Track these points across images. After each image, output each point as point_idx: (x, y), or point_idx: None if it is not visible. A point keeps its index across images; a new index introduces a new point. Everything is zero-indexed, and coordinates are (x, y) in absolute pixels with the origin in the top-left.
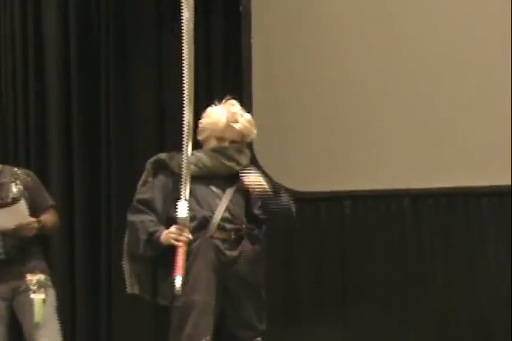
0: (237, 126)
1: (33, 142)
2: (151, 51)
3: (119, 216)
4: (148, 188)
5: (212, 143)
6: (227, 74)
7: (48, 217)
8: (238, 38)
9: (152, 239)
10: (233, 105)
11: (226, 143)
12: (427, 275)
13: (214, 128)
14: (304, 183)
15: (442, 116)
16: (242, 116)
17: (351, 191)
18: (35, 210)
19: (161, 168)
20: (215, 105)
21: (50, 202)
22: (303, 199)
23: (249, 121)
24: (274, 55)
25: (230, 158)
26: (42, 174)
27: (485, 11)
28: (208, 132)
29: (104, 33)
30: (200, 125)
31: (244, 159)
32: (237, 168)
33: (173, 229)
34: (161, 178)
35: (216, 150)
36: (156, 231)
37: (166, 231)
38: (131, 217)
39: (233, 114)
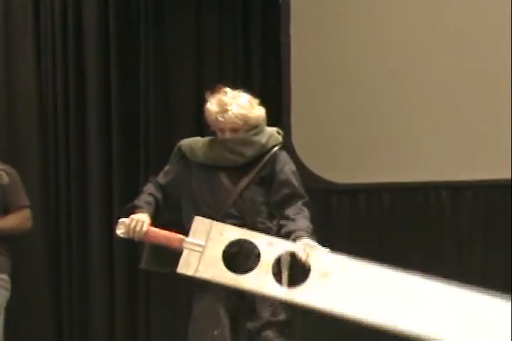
0: (227, 115)
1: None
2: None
3: None
4: (166, 172)
5: (218, 135)
6: (265, 64)
7: (12, 217)
8: (277, 25)
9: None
10: (224, 94)
11: (227, 134)
12: (464, 267)
13: (210, 121)
14: (342, 175)
15: (484, 107)
16: (232, 104)
17: (389, 183)
18: (5, 209)
19: (181, 154)
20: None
21: (24, 202)
22: (341, 191)
23: (242, 106)
24: (313, 44)
25: (232, 151)
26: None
27: None
28: (211, 125)
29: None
30: None
31: (250, 150)
32: (242, 160)
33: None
34: (179, 165)
35: (218, 143)
36: (133, 207)
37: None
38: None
39: (221, 103)
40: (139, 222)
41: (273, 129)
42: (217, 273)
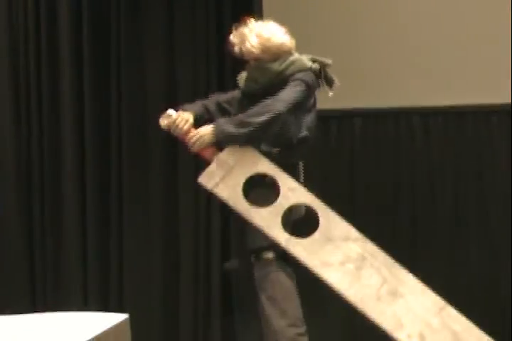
0: (244, 47)
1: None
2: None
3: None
4: (228, 92)
5: None
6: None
7: None
8: None
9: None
10: (246, 25)
11: (252, 63)
12: (436, 190)
13: (235, 53)
14: None
15: (452, 33)
16: (250, 34)
17: (361, 108)
18: None
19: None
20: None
21: None
22: None
23: (260, 36)
24: None
25: (248, 78)
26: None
27: None
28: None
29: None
30: None
31: (263, 77)
32: (255, 86)
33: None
34: (236, 90)
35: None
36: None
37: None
38: None
39: (240, 35)
40: (183, 120)
41: (304, 56)
42: (234, 196)
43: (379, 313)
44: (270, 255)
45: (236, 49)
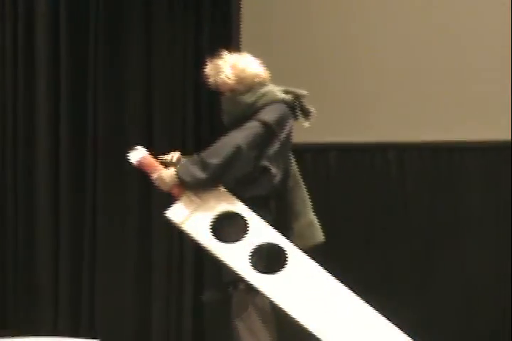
0: (219, 78)
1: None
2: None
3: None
4: None
5: None
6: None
7: None
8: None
9: None
10: (220, 57)
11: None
12: (411, 225)
13: (210, 85)
14: None
15: (431, 68)
16: (225, 66)
17: (337, 143)
18: None
19: None
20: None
21: None
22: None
23: (235, 67)
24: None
25: (222, 110)
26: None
27: None
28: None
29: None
30: None
31: (236, 110)
32: (228, 118)
33: None
34: None
35: None
36: None
37: None
38: None
39: (215, 67)
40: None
41: (277, 88)
42: (200, 232)
43: None
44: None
45: (211, 80)
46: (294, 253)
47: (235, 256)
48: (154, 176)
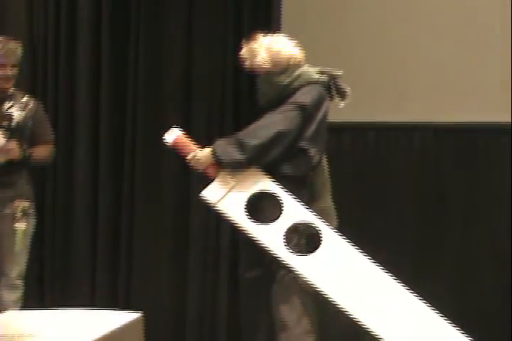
0: (255, 61)
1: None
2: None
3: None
4: None
5: None
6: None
7: (42, 149)
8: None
9: None
10: (255, 40)
11: (262, 77)
12: (447, 207)
13: (246, 67)
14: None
15: (470, 50)
16: (260, 49)
17: (375, 122)
18: (33, 141)
19: None
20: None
21: (50, 136)
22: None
23: (270, 50)
24: None
25: (257, 91)
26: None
27: None
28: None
29: None
30: None
31: (271, 90)
32: (263, 99)
33: None
34: None
35: None
36: None
37: None
38: None
39: (251, 50)
40: None
41: (312, 69)
42: (236, 213)
43: None
44: None
45: (247, 64)
46: (328, 234)
47: (270, 237)
48: (189, 156)
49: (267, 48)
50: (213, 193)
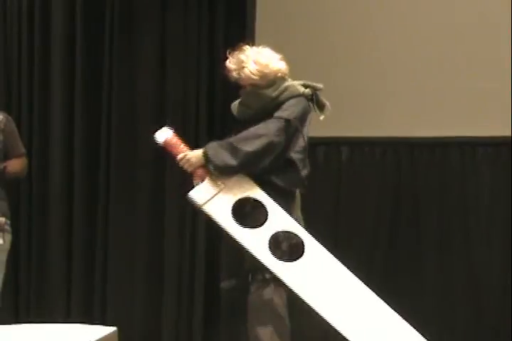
0: (243, 73)
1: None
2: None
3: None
4: None
5: None
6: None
7: (15, 163)
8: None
9: None
10: (242, 51)
11: (247, 89)
12: (421, 221)
13: (231, 78)
14: None
15: (442, 65)
16: (248, 61)
17: (349, 137)
18: (5, 155)
19: None
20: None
21: (22, 149)
22: None
23: (258, 62)
24: None
25: (242, 103)
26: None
27: None
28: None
29: None
30: None
31: (257, 102)
32: (249, 111)
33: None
34: None
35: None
36: None
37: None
38: None
39: (238, 61)
40: None
41: (296, 82)
42: (223, 215)
43: None
44: (267, 275)
45: (234, 74)
46: (310, 243)
47: (255, 241)
48: (180, 156)
49: (255, 61)
50: (201, 194)
